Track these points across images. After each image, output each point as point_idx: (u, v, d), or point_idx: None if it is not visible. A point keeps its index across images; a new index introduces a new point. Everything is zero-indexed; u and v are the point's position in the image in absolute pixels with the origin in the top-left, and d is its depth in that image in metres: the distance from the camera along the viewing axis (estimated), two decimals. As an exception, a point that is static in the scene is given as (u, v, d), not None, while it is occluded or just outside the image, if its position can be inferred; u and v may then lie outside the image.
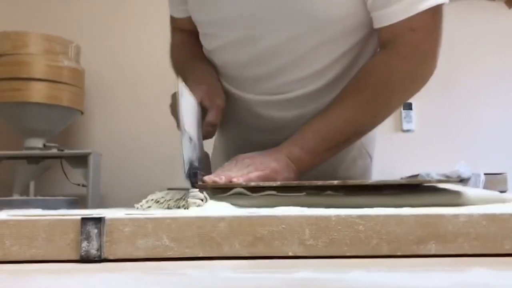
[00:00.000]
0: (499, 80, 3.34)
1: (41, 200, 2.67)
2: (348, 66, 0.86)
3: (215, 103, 0.82)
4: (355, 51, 0.85)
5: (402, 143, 3.30)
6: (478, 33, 3.30)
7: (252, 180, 0.70)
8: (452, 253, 0.42)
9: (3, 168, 2.87)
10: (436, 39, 0.79)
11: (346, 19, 0.80)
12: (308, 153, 0.80)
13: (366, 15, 0.80)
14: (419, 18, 0.76)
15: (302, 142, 0.80)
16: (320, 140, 0.81)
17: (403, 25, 0.77)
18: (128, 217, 0.43)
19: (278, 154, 0.78)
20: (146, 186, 2.30)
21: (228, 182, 0.65)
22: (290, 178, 0.77)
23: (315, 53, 0.83)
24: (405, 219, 0.42)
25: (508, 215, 0.43)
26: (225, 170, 0.72)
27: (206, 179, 0.66)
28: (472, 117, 3.34)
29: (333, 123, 0.81)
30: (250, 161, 0.75)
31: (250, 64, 0.87)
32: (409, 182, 0.65)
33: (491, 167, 2.96)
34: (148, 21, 3.31)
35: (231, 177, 0.68)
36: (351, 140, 0.87)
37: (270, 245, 0.42)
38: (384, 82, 0.81)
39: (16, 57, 2.75)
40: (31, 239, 0.42)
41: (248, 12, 0.82)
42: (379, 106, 0.82)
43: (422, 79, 0.82)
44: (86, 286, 0.35)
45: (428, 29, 0.78)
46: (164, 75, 3.16)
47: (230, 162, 0.76)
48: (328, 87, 0.86)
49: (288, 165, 0.78)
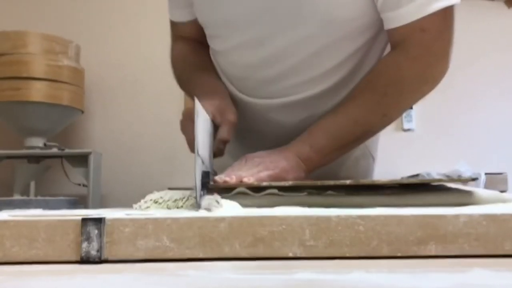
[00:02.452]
0: (499, 80, 3.34)
1: (41, 200, 2.67)
2: (355, 67, 0.86)
3: (226, 119, 0.80)
4: (363, 52, 0.85)
5: (403, 142, 3.30)
6: (478, 33, 3.30)
7: (263, 180, 0.70)
8: (453, 254, 0.42)
9: (4, 168, 2.87)
10: (447, 40, 0.79)
11: (353, 20, 0.80)
12: (317, 152, 0.79)
13: (374, 16, 0.80)
14: (430, 19, 0.75)
15: (311, 141, 0.80)
16: (330, 139, 0.80)
17: (414, 26, 0.76)
18: (128, 218, 0.43)
19: (288, 153, 0.78)
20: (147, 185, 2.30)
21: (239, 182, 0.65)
22: (300, 177, 0.77)
23: (323, 55, 0.83)
24: (405, 219, 0.42)
25: (508, 215, 0.43)
26: (235, 170, 0.72)
27: (217, 179, 0.65)
28: (472, 117, 3.34)
29: (343, 123, 0.81)
30: (260, 160, 0.75)
31: (258, 65, 0.86)
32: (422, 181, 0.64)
33: (491, 167, 2.96)
34: (148, 20, 3.31)
35: (242, 176, 0.67)
36: (360, 140, 0.87)
37: (270, 246, 0.42)
38: (394, 83, 0.80)
39: (16, 56, 2.75)
40: (31, 240, 0.42)
41: (255, 14, 0.81)
42: (389, 106, 0.82)
43: (433, 80, 0.81)
44: (86, 287, 0.35)
45: (439, 30, 0.78)
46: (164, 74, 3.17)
47: (240, 162, 0.76)
48: (335, 88, 0.86)
49: (298, 164, 0.77)
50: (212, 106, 0.80)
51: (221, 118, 0.80)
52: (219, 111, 0.80)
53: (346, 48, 0.83)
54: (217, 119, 0.80)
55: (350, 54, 0.84)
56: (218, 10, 0.85)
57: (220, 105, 0.82)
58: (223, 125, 0.79)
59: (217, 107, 0.81)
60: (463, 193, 0.61)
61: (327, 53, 0.83)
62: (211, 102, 0.80)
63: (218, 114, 0.80)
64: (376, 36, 0.84)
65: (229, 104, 0.84)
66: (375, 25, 0.82)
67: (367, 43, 0.84)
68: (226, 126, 0.79)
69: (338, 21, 0.79)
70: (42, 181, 2.99)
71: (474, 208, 0.49)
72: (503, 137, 3.30)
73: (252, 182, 0.66)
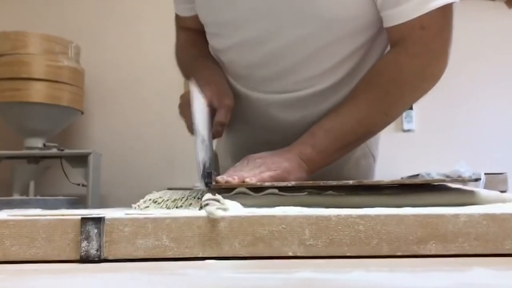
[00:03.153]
0: (499, 80, 3.34)
1: (41, 200, 2.67)
2: (356, 65, 0.86)
3: (224, 103, 0.82)
4: (363, 50, 0.85)
5: (403, 142, 3.30)
6: (478, 33, 3.30)
7: (265, 180, 0.70)
8: (453, 253, 0.42)
9: (3, 168, 2.87)
10: (446, 38, 0.80)
11: (354, 19, 0.80)
12: (320, 152, 0.79)
13: (374, 15, 0.80)
14: (429, 17, 0.76)
15: (313, 141, 0.80)
16: (332, 139, 0.80)
17: (413, 23, 0.76)
18: (128, 217, 0.43)
19: (290, 153, 0.78)
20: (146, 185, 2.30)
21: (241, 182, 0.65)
22: (302, 178, 0.77)
23: (323, 53, 0.83)
24: (405, 219, 0.42)
25: (508, 215, 0.43)
26: (237, 170, 0.72)
27: (219, 179, 0.65)
28: (472, 117, 3.34)
29: (345, 123, 0.81)
30: (262, 161, 0.75)
31: (258, 64, 0.87)
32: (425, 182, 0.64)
33: (491, 167, 2.96)
34: (148, 21, 3.31)
35: (244, 177, 0.67)
36: (362, 140, 0.87)
37: (270, 245, 0.42)
38: (394, 81, 0.81)
39: (16, 57, 2.75)
40: (31, 239, 0.42)
41: (256, 13, 0.81)
42: (391, 105, 0.82)
43: (433, 78, 0.82)
44: (86, 286, 0.35)
45: (438, 28, 0.78)
46: (164, 74, 3.18)
47: (242, 162, 0.76)
48: (336, 86, 0.86)
49: (299, 164, 0.77)
50: (210, 90, 0.82)
51: (219, 102, 0.82)
52: (217, 95, 0.82)
53: (346, 47, 0.83)
54: (215, 102, 0.82)
55: (350, 53, 0.84)
56: (219, 10, 0.85)
57: (218, 90, 0.84)
58: (220, 108, 0.81)
59: (215, 91, 0.83)
60: (464, 193, 0.61)
61: (328, 52, 0.83)
62: (209, 86, 0.83)
63: (215, 98, 0.82)
64: (376, 35, 0.85)
65: (226, 88, 0.87)
66: (375, 24, 0.82)
67: (368, 42, 0.84)
68: (223, 110, 0.81)
69: (339, 20, 0.79)
70: (41, 181, 2.99)
71: (474, 208, 0.49)
72: (503, 137, 3.30)
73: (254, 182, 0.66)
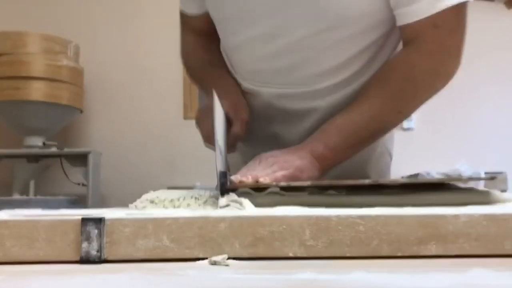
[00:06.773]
0: (499, 80, 3.34)
1: (41, 200, 2.67)
2: (367, 62, 0.86)
3: (240, 116, 0.83)
4: (375, 48, 0.85)
5: (402, 141, 3.29)
6: (478, 34, 3.29)
7: (279, 180, 0.69)
8: (453, 254, 0.42)
9: (3, 167, 2.87)
10: (460, 37, 0.80)
11: (366, 16, 0.80)
12: (332, 150, 0.79)
13: (387, 12, 0.80)
14: (443, 15, 0.76)
15: (325, 139, 0.80)
16: (344, 136, 0.80)
17: (427, 22, 0.76)
18: (128, 218, 0.43)
19: (302, 152, 0.77)
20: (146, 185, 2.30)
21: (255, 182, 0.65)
22: (314, 176, 0.76)
23: (334, 49, 0.83)
24: (406, 219, 0.42)
25: (508, 215, 0.43)
26: (250, 170, 0.72)
27: (233, 179, 0.65)
28: (472, 116, 3.34)
29: (357, 120, 0.81)
30: (274, 159, 0.74)
31: (269, 59, 0.86)
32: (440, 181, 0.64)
33: (491, 166, 2.96)
34: (147, 20, 3.30)
35: (258, 176, 0.67)
36: (374, 138, 0.87)
37: (271, 246, 0.42)
38: (407, 79, 0.81)
39: (15, 56, 2.75)
40: (31, 240, 0.42)
41: (270, 9, 0.81)
42: (404, 102, 0.82)
43: (447, 76, 0.82)
44: (86, 287, 0.35)
45: (451, 26, 0.78)
46: (164, 73, 3.18)
47: (254, 161, 0.76)
48: (347, 81, 0.86)
49: (312, 162, 0.77)
50: (226, 102, 0.82)
51: (235, 114, 0.83)
52: (233, 108, 0.83)
53: (359, 43, 0.83)
54: (231, 114, 0.83)
55: (362, 49, 0.84)
56: (230, 6, 0.85)
57: (234, 102, 0.85)
58: (236, 121, 0.82)
59: (232, 104, 0.84)
60: (463, 192, 0.61)
61: (339, 48, 0.83)
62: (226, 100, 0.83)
63: (232, 110, 0.83)
64: (389, 33, 0.84)
65: (242, 102, 0.87)
66: (387, 21, 0.82)
67: (380, 39, 0.84)
68: (239, 122, 0.82)
69: (350, 17, 0.79)
70: (41, 180, 2.98)
71: (474, 208, 0.49)
72: (503, 136, 3.30)
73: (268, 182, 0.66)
